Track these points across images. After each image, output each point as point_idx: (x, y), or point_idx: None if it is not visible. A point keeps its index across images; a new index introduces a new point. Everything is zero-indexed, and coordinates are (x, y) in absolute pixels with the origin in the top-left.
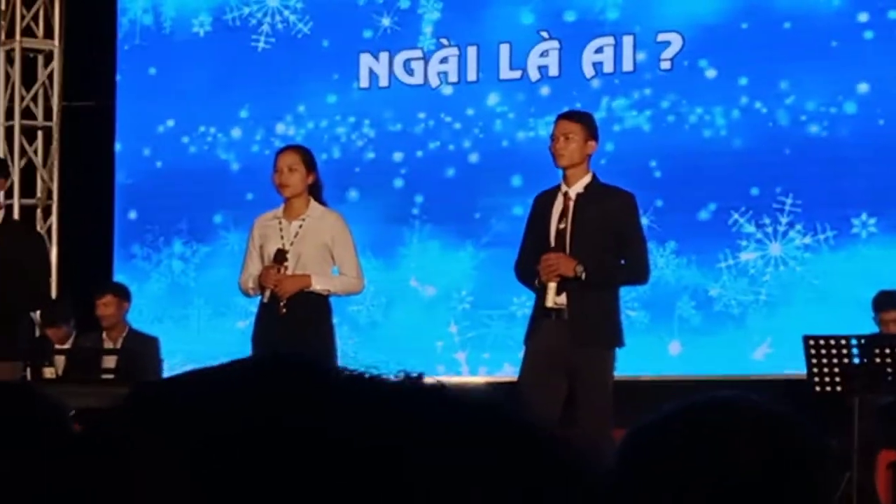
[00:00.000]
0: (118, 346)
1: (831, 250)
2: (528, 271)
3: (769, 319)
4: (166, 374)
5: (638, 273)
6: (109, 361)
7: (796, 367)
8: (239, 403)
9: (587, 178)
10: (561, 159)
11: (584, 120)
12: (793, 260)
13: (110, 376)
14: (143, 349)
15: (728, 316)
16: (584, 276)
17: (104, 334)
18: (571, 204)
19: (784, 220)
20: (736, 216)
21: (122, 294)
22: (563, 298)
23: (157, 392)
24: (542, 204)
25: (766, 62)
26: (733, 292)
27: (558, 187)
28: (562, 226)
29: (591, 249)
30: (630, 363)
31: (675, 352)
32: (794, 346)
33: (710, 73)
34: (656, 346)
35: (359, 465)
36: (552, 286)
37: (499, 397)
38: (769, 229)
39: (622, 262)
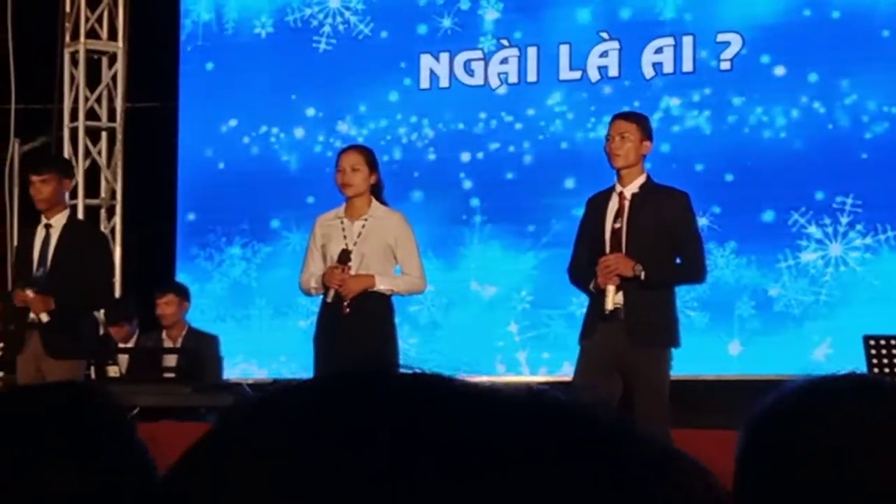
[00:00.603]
0: (178, 344)
1: (892, 250)
2: (581, 274)
3: (829, 319)
4: (226, 372)
5: (695, 272)
6: (170, 360)
7: (857, 367)
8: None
9: (642, 178)
10: (616, 159)
11: (639, 120)
12: (853, 260)
13: (171, 375)
14: (203, 347)
15: (788, 316)
16: (643, 275)
17: (164, 333)
18: (627, 204)
19: (844, 220)
20: (796, 216)
21: (183, 293)
22: (619, 297)
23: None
24: (597, 205)
25: (827, 63)
26: (793, 292)
27: (612, 188)
28: (617, 225)
29: (647, 249)
30: (690, 363)
31: (734, 352)
32: (854, 347)
33: (771, 73)
34: (716, 345)
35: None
36: (611, 288)
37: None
38: (829, 230)
39: (678, 261)
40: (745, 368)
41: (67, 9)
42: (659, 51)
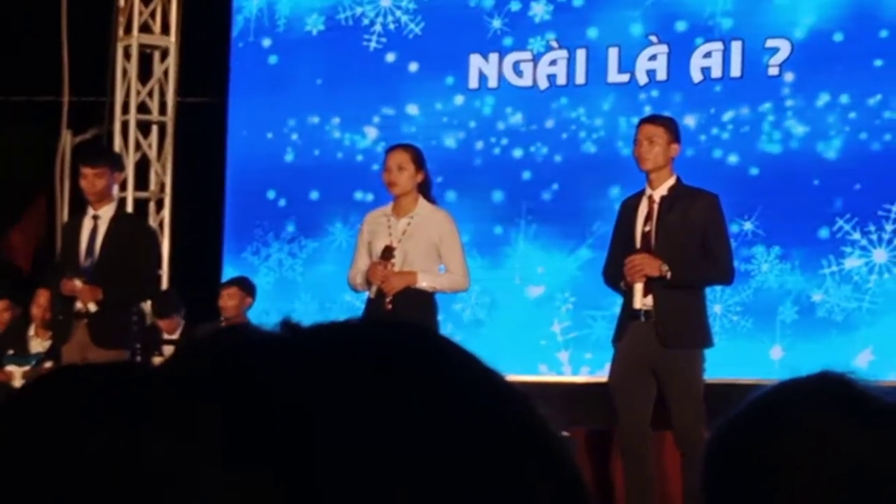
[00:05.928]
0: None
1: None
2: (614, 275)
3: (872, 326)
4: None
5: (722, 273)
6: None
7: None
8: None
9: (671, 181)
10: (645, 163)
11: (666, 123)
12: None
13: None
14: None
15: (831, 322)
16: (669, 275)
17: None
18: (656, 207)
19: (889, 227)
20: (841, 223)
21: (247, 289)
22: (649, 300)
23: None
24: (628, 208)
25: (866, 73)
26: (837, 298)
27: (643, 191)
28: (647, 228)
29: (676, 250)
30: (731, 367)
31: (776, 356)
32: None
33: (819, 79)
34: (758, 350)
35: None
36: (639, 287)
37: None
38: (874, 236)
39: (706, 262)
40: (786, 373)
41: (121, 3)
42: (708, 55)
